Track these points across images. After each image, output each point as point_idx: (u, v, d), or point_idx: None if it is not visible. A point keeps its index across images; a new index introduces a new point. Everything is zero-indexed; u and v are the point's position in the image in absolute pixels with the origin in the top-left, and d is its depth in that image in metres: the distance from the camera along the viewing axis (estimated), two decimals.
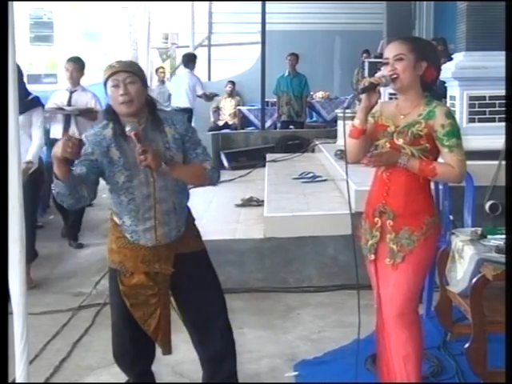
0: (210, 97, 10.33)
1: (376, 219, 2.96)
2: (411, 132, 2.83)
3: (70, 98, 6.60)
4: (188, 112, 9.41)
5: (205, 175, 2.92)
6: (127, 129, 2.75)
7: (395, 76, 2.82)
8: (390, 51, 2.86)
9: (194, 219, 3.11)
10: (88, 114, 6.48)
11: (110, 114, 2.87)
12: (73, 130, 6.45)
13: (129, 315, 2.98)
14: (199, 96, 9.92)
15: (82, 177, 2.81)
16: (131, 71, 2.81)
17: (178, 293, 3.04)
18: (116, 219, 3.00)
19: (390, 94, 6.25)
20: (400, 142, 2.86)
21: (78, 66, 6.64)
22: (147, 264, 2.94)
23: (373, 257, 3.00)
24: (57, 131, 6.53)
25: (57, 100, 6.62)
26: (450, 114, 2.86)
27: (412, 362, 2.94)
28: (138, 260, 2.93)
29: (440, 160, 2.90)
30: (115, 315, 3.10)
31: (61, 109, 6.54)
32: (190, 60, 10.19)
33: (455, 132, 2.83)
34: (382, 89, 2.91)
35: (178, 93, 10.08)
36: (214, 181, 2.98)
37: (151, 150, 2.73)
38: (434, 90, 3.01)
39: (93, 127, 3.05)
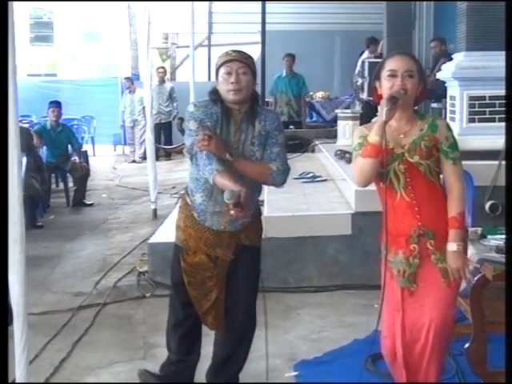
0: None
1: (413, 246, 2.81)
2: (424, 145, 2.77)
3: None
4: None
5: (268, 175, 2.98)
6: (226, 197, 2.68)
7: (404, 92, 2.75)
8: (401, 65, 2.77)
9: (260, 214, 3.18)
10: None
11: (215, 95, 2.96)
12: None
13: (184, 293, 3.07)
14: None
15: None
16: (245, 62, 2.91)
17: (227, 280, 3.11)
18: (187, 198, 3.06)
19: None
20: (416, 159, 2.77)
21: None
22: (209, 247, 3.03)
23: (415, 286, 2.83)
24: None
25: None
26: (449, 127, 2.87)
27: (439, 369, 2.94)
28: (201, 241, 3.03)
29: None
30: (172, 291, 3.20)
31: None
32: (370, 42, 10.73)
33: (456, 144, 2.83)
34: None
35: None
36: (277, 182, 3.03)
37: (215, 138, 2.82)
38: (432, 90, 3.00)
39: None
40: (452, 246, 2.75)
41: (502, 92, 4.61)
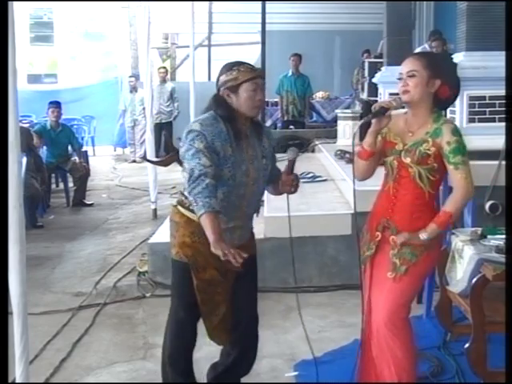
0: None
1: (377, 233, 2.96)
2: (419, 151, 2.82)
3: None
4: None
5: None
6: (290, 155, 3.01)
7: (406, 91, 2.81)
8: (404, 67, 2.85)
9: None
10: None
11: (227, 110, 2.84)
12: None
13: (196, 313, 3.02)
14: None
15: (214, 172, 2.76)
16: (264, 78, 2.94)
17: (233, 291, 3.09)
18: (188, 214, 2.92)
19: (391, 93, 6.24)
20: (407, 160, 2.85)
21: None
22: (220, 260, 2.90)
23: (363, 267, 3.05)
24: None
25: None
26: (456, 131, 2.85)
27: (402, 367, 2.93)
28: (211, 256, 2.90)
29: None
30: (182, 313, 3.07)
31: None
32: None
33: (461, 149, 2.82)
34: (382, 89, 2.92)
35: None
36: None
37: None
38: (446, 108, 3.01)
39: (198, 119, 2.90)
40: (422, 235, 2.84)
41: (502, 92, 4.62)
